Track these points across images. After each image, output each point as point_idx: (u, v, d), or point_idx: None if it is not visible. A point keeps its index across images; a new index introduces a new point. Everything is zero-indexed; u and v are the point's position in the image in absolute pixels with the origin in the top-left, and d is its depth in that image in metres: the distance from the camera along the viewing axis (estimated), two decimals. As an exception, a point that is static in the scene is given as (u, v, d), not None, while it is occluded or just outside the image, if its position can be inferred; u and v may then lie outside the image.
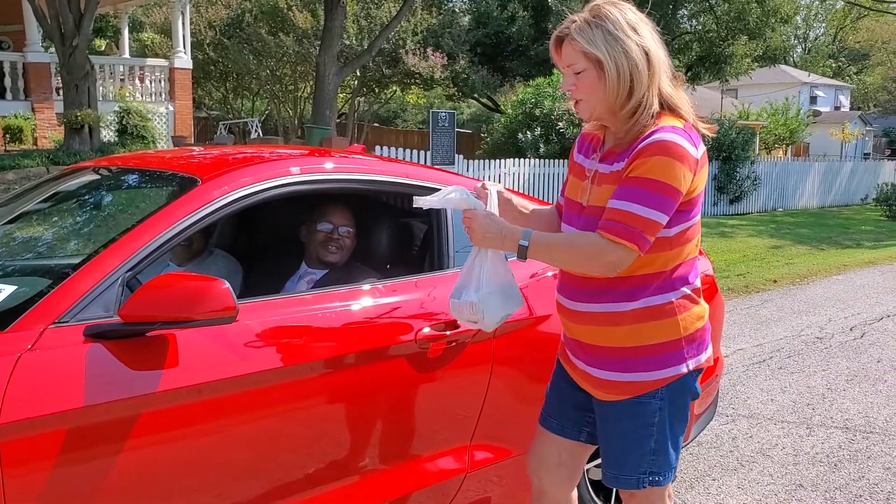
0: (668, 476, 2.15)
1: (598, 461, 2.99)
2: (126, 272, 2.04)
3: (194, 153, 2.95)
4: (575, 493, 2.39)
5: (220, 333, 2.09)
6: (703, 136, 2.08)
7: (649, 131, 1.96)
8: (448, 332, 2.50)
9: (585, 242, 1.98)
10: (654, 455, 2.11)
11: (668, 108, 2.01)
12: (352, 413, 2.34)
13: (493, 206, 2.15)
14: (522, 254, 2.01)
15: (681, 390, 2.10)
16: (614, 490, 3.04)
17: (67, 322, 1.92)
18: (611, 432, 2.16)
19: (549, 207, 2.37)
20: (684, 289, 2.08)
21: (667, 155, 1.91)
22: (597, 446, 2.32)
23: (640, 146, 1.94)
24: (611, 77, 1.95)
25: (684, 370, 2.08)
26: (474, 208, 2.08)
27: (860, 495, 3.58)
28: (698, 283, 2.13)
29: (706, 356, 2.14)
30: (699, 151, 1.98)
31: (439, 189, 2.77)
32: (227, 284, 1.96)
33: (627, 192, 1.93)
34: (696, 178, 1.98)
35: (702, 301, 2.14)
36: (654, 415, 2.09)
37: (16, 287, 2.11)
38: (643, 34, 1.99)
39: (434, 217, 2.79)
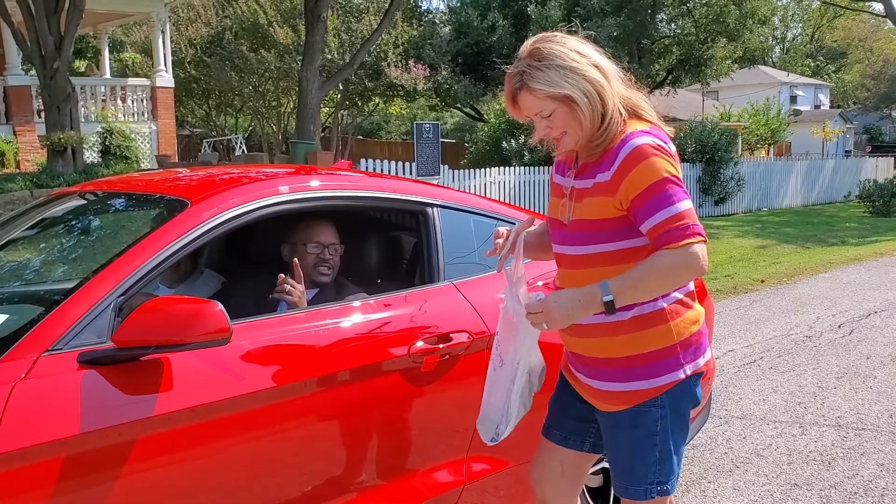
0: (674, 484, 2.16)
1: (595, 468, 3.00)
2: (118, 297, 2.04)
3: (181, 175, 2.95)
4: (578, 501, 2.40)
5: (214, 355, 2.09)
6: (674, 137, 2.11)
7: (619, 140, 1.98)
8: (441, 346, 2.51)
9: (665, 264, 1.93)
10: (660, 465, 2.12)
11: (630, 112, 2.04)
12: (348, 430, 2.35)
13: (520, 253, 2.18)
14: (611, 309, 1.96)
15: (680, 396, 2.11)
16: (612, 496, 3.04)
17: (61, 349, 1.92)
18: (616, 443, 2.17)
19: (543, 226, 2.36)
20: (675, 294, 2.09)
21: (652, 155, 1.95)
22: (599, 455, 2.34)
23: (619, 160, 1.97)
24: (584, 106, 1.96)
25: (682, 376, 2.09)
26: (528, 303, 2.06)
27: (855, 492, 3.60)
28: (691, 286, 2.14)
29: (704, 360, 2.15)
30: (671, 147, 2.02)
31: (423, 201, 2.80)
32: (221, 306, 1.97)
33: (650, 205, 1.94)
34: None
35: (696, 305, 2.15)
36: (655, 423, 2.10)
37: (7, 316, 2.11)
38: (587, 52, 2.01)
39: (423, 230, 2.80)
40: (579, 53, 1.99)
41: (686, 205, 1.95)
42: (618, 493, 2.22)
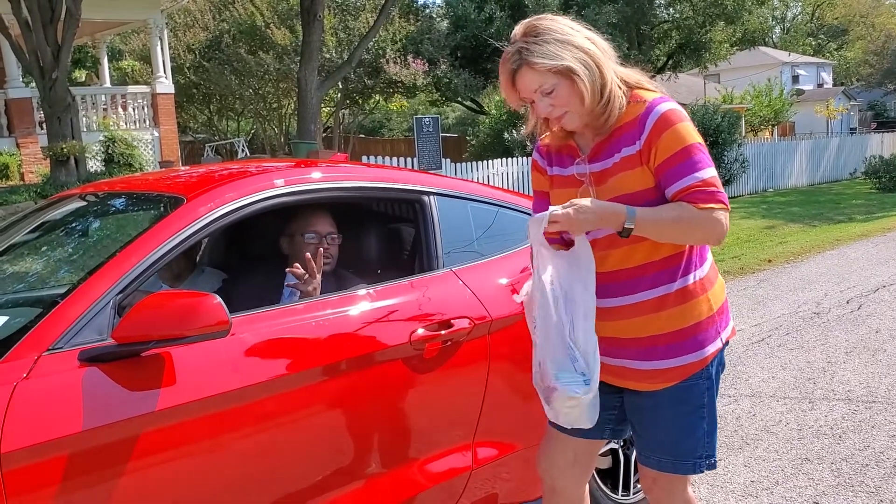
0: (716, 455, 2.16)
1: (604, 449, 3.00)
2: (117, 294, 2.04)
3: (180, 173, 2.96)
4: (587, 487, 2.37)
5: (215, 348, 2.10)
6: None
7: (644, 109, 1.98)
8: (442, 332, 2.51)
9: (690, 219, 1.93)
10: (709, 437, 2.12)
11: (635, 85, 2.05)
12: (353, 419, 2.35)
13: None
14: (626, 234, 1.96)
15: (718, 365, 2.13)
16: (621, 476, 3.05)
17: (62, 348, 1.92)
18: (660, 422, 2.12)
19: None
20: (706, 264, 2.11)
21: (678, 121, 1.96)
22: (609, 439, 2.32)
23: (648, 127, 1.96)
24: (585, 77, 1.95)
25: (720, 344, 2.10)
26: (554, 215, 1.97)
27: (866, 464, 3.59)
28: (710, 255, 2.17)
29: (732, 326, 2.18)
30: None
31: (419, 189, 2.79)
32: (219, 299, 1.97)
33: (677, 170, 1.95)
34: None
35: (718, 273, 2.18)
36: (703, 395, 2.09)
37: (8, 317, 2.12)
38: (579, 28, 2.02)
39: (421, 218, 2.80)
40: (572, 28, 2.00)
41: (712, 172, 1.96)
42: (664, 469, 2.14)
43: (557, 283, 2.02)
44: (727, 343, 2.15)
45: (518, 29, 2.02)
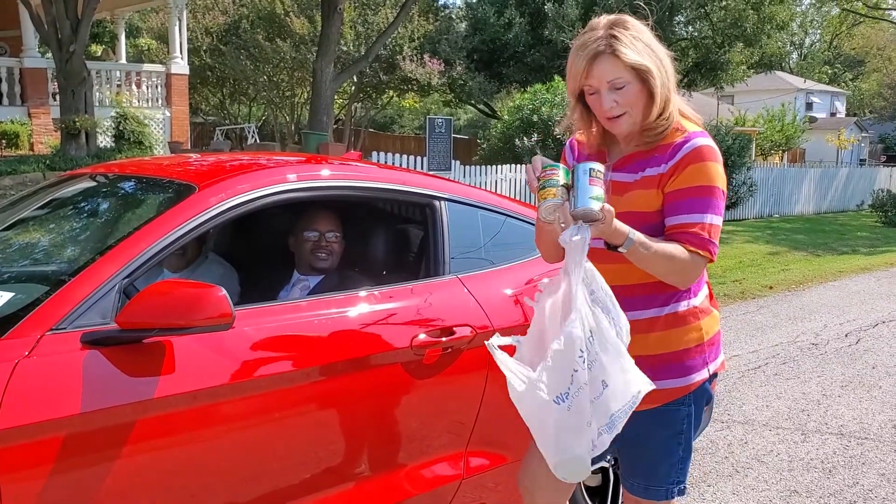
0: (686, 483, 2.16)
1: (594, 467, 3.00)
2: (123, 279, 2.04)
3: (191, 160, 2.96)
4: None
5: (216, 340, 2.10)
6: None
7: (681, 137, 1.98)
8: (444, 339, 2.51)
9: (681, 257, 1.92)
10: (682, 464, 2.13)
11: (681, 113, 2.04)
12: (347, 419, 2.35)
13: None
14: (612, 249, 1.91)
15: (701, 395, 2.12)
16: (609, 495, 3.04)
17: (65, 329, 1.93)
18: (640, 443, 2.13)
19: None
20: (702, 293, 2.11)
21: (713, 160, 1.96)
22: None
23: (680, 155, 1.96)
24: (659, 85, 1.94)
25: (706, 374, 2.10)
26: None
27: (854, 501, 3.59)
28: (706, 287, 2.17)
29: (721, 359, 2.18)
30: None
31: (430, 194, 2.79)
32: (224, 291, 1.97)
33: (689, 203, 1.94)
34: None
35: (713, 307, 2.17)
36: (682, 422, 2.10)
37: (13, 294, 2.12)
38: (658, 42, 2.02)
39: (430, 223, 2.80)
40: (654, 38, 1.99)
41: (718, 221, 1.96)
42: (635, 493, 2.17)
43: (594, 295, 1.88)
44: (715, 375, 2.15)
45: (603, 19, 1.98)
